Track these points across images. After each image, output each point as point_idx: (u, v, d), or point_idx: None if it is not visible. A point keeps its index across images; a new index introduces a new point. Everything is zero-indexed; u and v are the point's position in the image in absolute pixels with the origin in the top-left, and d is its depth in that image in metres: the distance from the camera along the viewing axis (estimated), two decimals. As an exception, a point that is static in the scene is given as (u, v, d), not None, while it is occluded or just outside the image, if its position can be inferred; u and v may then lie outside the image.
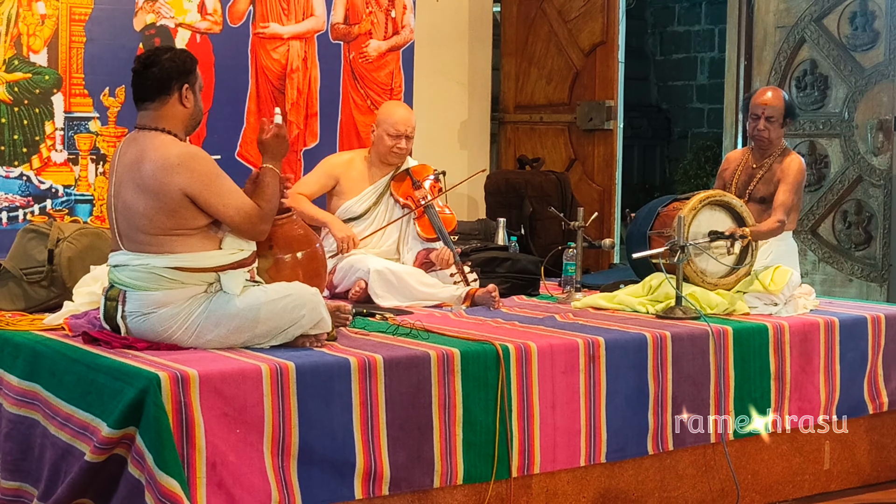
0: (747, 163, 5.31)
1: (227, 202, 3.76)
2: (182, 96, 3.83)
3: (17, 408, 3.81)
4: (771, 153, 5.23)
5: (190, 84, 3.84)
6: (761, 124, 5.16)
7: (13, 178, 5.50)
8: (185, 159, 3.73)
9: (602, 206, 7.04)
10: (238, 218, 3.79)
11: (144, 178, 3.72)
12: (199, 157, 3.79)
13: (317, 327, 3.86)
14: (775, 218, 5.05)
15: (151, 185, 3.71)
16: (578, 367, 4.13)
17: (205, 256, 3.79)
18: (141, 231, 3.75)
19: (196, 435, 3.36)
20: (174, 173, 3.70)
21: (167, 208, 3.71)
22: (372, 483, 3.69)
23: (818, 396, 4.71)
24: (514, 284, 5.46)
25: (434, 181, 5.46)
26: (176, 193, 3.70)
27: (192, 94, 3.85)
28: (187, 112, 3.85)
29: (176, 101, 3.83)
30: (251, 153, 6.14)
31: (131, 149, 3.82)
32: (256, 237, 3.89)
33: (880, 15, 6.55)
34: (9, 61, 5.45)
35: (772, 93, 5.23)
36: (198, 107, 3.90)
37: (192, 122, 3.90)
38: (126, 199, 3.77)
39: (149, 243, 3.75)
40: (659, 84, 11.44)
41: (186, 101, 3.84)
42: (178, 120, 3.84)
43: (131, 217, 3.76)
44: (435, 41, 7.06)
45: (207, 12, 5.98)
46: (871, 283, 6.61)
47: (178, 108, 3.83)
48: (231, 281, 3.81)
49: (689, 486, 4.42)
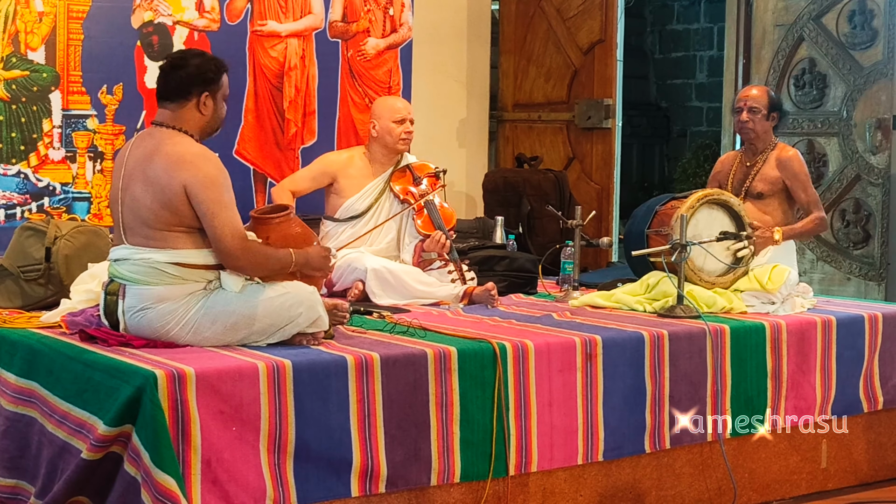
0: (741, 162, 5.32)
1: (218, 211, 3.72)
2: (200, 103, 3.85)
3: (15, 405, 3.81)
4: (762, 149, 5.24)
5: (211, 93, 3.86)
6: (744, 115, 5.19)
7: (11, 176, 5.49)
8: (195, 158, 3.75)
9: (600, 204, 7.03)
10: (221, 232, 3.72)
11: (155, 172, 3.74)
12: (210, 159, 3.80)
13: (314, 325, 3.86)
14: (815, 214, 5.14)
15: (160, 179, 3.72)
16: (576, 365, 4.13)
17: (206, 254, 3.79)
18: (146, 225, 3.75)
19: (192, 432, 3.36)
20: (181, 168, 3.72)
21: (170, 203, 3.72)
22: (368, 481, 3.69)
23: (814, 395, 4.71)
24: (511, 283, 5.46)
25: (434, 178, 5.47)
26: (178, 187, 3.70)
27: (213, 103, 3.87)
28: (204, 119, 3.87)
29: (193, 106, 3.85)
30: (248, 151, 6.13)
31: (145, 143, 3.84)
32: (229, 261, 3.76)
33: (879, 13, 6.54)
34: (6, 59, 5.44)
35: (756, 88, 5.32)
36: (217, 115, 3.91)
37: (209, 129, 3.93)
38: (134, 193, 3.78)
39: (152, 237, 3.75)
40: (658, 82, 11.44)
41: (204, 108, 3.86)
42: (195, 123, 3.87)
43: (138, 210, 3.77)
44: (433, 39, 7.06)
45: (205, 10, 5.98)
46: (869, 282, 6.61)
47: (194, 112, 3.86)
48: (231, 278, 3.81)
49: (686, 484, 4.43)
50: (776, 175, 5.17)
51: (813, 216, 5.15)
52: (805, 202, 5.16)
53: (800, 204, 5.17)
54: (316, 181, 5.46)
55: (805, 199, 5.16)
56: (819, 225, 5.17)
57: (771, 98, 5.23)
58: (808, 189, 5.17)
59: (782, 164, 5.17)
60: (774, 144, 5.26)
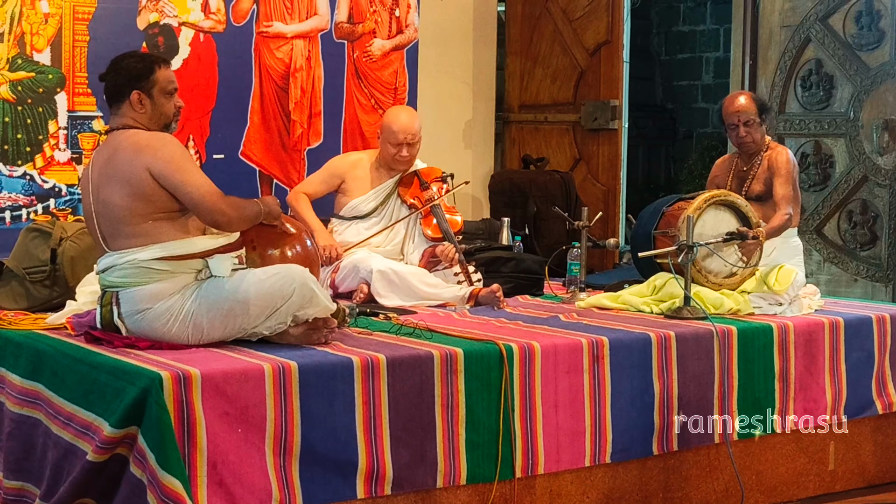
0: (737, 166, 5.30)
1: (186, 179, 3.77)
2: (133, 101, 3.88)
3: (20, 407, 3.81)
4: (757, 151, 5.23)
5: (143, 90, 3.89)
6: (742, 131, 5.16)
7: (16, 178, 5.50)
8: (152, 141, 3.82)
9: (607, 205, 7.02)
10: (197, 194, 3.76)
11: (119, 168, 3.78)
12: (166, 139, 3.86)
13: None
14: (782, 212, 5.04)
15: (124, 172, 3.77)
16: (582, 367, 4.11)
17: (190, 243, 3.82)
18: (122, 223, 3.78)
19: (197, 434, 3.36)
20: (141, 154, 3.77)
21: (139, 192, 3.75)
22: (374, 483, 3.68)
23: (824, 397, 4.69)
24: (518, 284, 5.45)
25: (441, 183, 5.45)
26: (143, 173, 3.75)
27: (149, 100, 3.90)
28: (145, 116, 3.91)
29: (128, 107, 3.90)
30: (255, 152, 6.13)
31: (103, 151, 3.91)
32: (215, 216, 3.80)
33: (886, 14, 6.53)
34: (12, 60, 5.44)
35: (742, 98, 5.23)
36: (158, 111, 3.94)
37: (157, 124, 3.95)
38: (104, 197, 3.81)
39: (133, 235, 3.77)
40: (664, 84, 11.43)
41: (139, 106, 3.89)
42: (140, 121, 3.91)
43: (112, 212, 3.80)
44: (439, 40, 7.05)
45: (211, 11, 5.97)
46: (876, 283, 6.59)
47: (134, 112, 3.90)
48: (219, 264, 3.84)
49: (693, 486, 4.41)
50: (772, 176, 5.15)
51: (780, 212, 5.05)
52: (778, 197, 5.07)
53: (775, 198, 5.10)
54: (326, 184, 5.47)
55: (780, 193, 5.07)
56: (786, 222, 5.07)
57: (758, 103, 5.20)
58: (784, 185, 5.08)
59: (770, 162, 5.16)
60: (767, 145, 5.24)
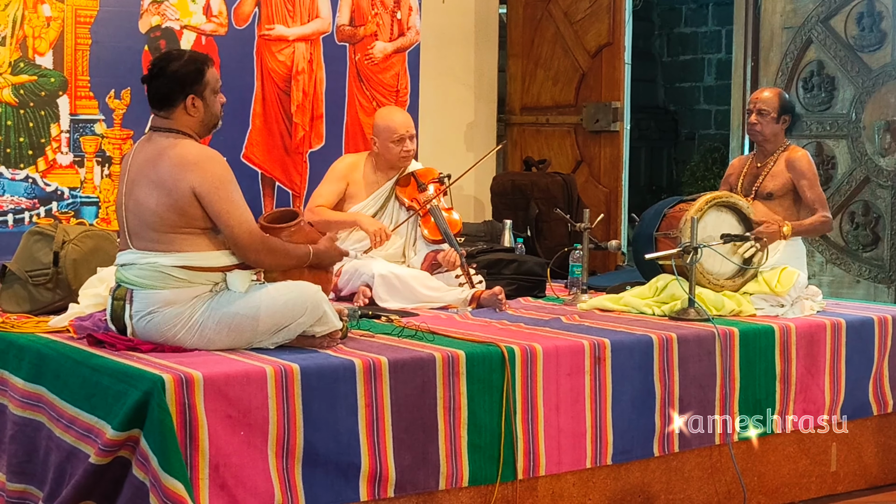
0: (751, 164, 5.32)
1: (231, 210, 3.75)
2: (188, 106, 3.83)
3: (23, 410, 3.82)
4: (773, 151, 5.24)
5: (197, 94, 3.84)
6: (753, 118, 5.20)
7: (19, 181, 5.50)
8: (201, 159, 3.75)
9: (608, 207, 7.02)
10: (239, 230, 3.75)
11: (160, 175, 3.74)
12: (215, 159, 3.80)
13: (320, 323, 3.85)
14: (820, 213, 5.12)
15: (166, 182, 3.72)
16: (584, 368, 4.12)
17: (211, 256, 3.80)
18: (151, 228, 3.76)
19: (200, 437, 3.36)
20: (188, 171, 3.72)
21: (177, 205, 3.72)
22: (377, 485, 3.68)
23: (822, 397, 4.70)
24: (520, 286, 5.45)
25: (438, 184, 5.46)
26: (186, 190, 3.71)
27: (202, 102, 3.85)
28: (197, 119, 3.86)
29: (182, 111, 3.84)
30: (256, 155, 6.14)
31: (147, 148, 3.84)
32: (249, 255, 3.80)
33: (887, 15, 6.53)
34: (14, 64, 5.45)
35: (768, 91, 5.31)
36: (210, 112, 3.89)
37: (206, 126, 3.92)
38: (139, 197, 3.78)
39: (158, 241, 3.75)
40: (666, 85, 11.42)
41: (194, 110, 3.84)
42: (190, 125, 3.86)
43: (142, 214, 3.77)
44: (441, 43, 7.06)
45: (213, 14, 5.98)
46: (878, 285, 6.59)
47: (186, 116, 3.84)
48: (237, 279, 3.82)
49: (695, 488, 4.41)
50: (786, 175, 5.17)
51: (819, 214, 5.13)
52: (811, 201, 5.14)
53: (806, 202, 5.16)
54: (336, 189, 5.43)
55: (811, 197, 5.14)
56: (824, 224, 5.16)
57: (782, 101, 5.22)
58: (815, 188, 5.16)
59: (791, 164, 5.17)
60: (786, 146, 5.25)
